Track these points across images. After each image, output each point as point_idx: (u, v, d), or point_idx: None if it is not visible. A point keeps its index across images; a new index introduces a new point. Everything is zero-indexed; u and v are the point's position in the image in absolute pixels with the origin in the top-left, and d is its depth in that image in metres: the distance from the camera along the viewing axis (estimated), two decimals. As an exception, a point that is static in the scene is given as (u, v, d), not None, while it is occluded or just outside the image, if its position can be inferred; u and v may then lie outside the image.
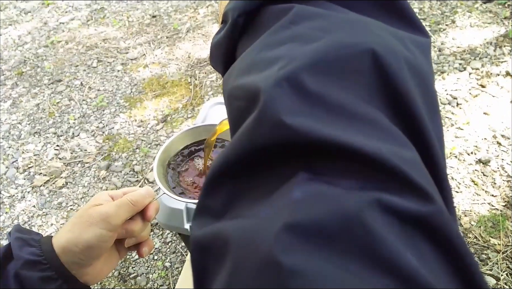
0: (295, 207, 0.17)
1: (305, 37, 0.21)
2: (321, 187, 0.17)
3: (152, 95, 1.90)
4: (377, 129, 0.18)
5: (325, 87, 0.19)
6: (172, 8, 2.47)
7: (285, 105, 0.19)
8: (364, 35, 0.21)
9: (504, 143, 1.46)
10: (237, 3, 0.25)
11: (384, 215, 0.16)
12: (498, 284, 1.11)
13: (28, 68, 2.17)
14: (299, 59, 0.20)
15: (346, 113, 0.19)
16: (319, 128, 0.18)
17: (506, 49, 1.84)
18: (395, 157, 0.17)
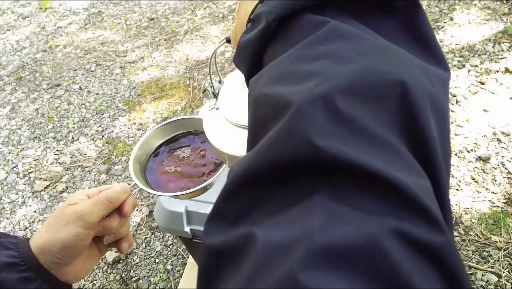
0: (319, 229, 0.17)
1: (340, 56, 0.22)
2: (344, 209, 0.18)
3: (151, 98, 1.90)
4: (398, 158, 0.19)
5: (355, 110, 0.20)
6: (169, 10, 2.47)
7: (317, 125, 0.19)
8: (396, 65, 0.21)
9: (504, 140, 1.45)
10: (273, 6, 0.25)
11: (403, 244, 0.16)
12: (500, 281, 1.11)
13: (26, 73, 2.17)
14: (335, 78, 0.20)
15: (371, 138, 0.19)
16: (347, 152, 0.18)
17: (505, 45, 1.84)
18: (415, 186, 0.18)
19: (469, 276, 1.14)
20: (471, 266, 1.15)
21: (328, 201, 0.18)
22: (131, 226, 1.42)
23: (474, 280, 1.12)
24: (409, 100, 0.20)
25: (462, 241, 1.21)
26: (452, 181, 1.36)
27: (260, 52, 0.28)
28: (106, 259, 1.34)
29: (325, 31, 0.23)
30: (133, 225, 1.42)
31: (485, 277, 1.12)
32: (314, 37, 0.23)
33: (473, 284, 1.12)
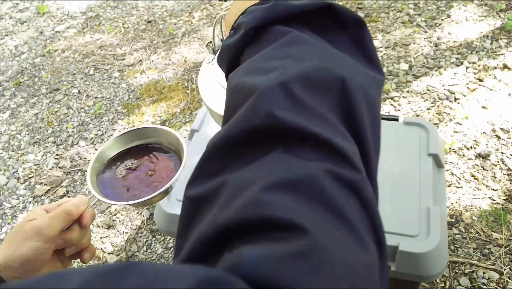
0: (274, 169, 0.25)
1: (297, 57, 0.29)
2: (291, 158, 0.25)
3: (149, 101, 1.90)
4: (334, 128, 0.27)
5: (306, 95, 0.27)
6: (167, 12, 2.48)
7: (276, 102, 0.26)
8: (340, 66, 0.29)
9: (503, 137, 1.45)
10: (251, 18, 0.32)
11: (332, 178, 0.24)
12: (501, 279, 1.11)
13: (25, 78, 2.17)
14: (292, 72, 0.28)
15: (316, 115, 0.27)
16: (298, 121, 0.25)
17: (503, 42, 1.84)
18: (342, 144, 0.26)
19: (471, 273, 1.14)
20: (472, 264, 1.15)
21: (281, 154, 0.25)
22: (132, 229, 1.42)
23: (476, 277, 1.12)
24: (347, 92, 0.28)
25: (463, 238, 1.21)
26: (452, 178, 1.36)
27: (238, 54, 0.34)
28: (107, 263, 1.34)
29: (289, 38, 0.30)
30: (134, 228, 1.42)
31: (487, 274, 1.12)
32: (280, 42, 0.30)
33: (474, 282, 1.12)
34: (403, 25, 2.02)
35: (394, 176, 0.82)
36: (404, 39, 1.94)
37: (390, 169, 0.84)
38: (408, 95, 1.67)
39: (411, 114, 1.59)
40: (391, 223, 0.75)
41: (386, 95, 1.68)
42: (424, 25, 2.00)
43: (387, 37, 1.97)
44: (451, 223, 1.24)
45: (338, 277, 0.20)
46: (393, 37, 1.96)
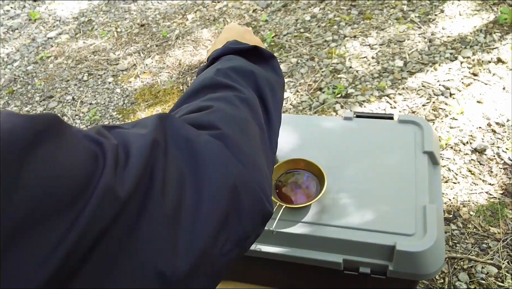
0: (211, 95, 0.44)
1: (231, 62, 0.49)
2: (220, 91, 0.44)
3: (145, 106, 1.89)
4: (243, 86, 0.45)
5: (232, 74, 0.45)
6: (160, 15, 2.47)
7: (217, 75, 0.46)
8: (253, 67, 0.48)
9: (498, 131, 1.45)
10: (213, 53, 0.52)
11: (237, 97, 0.43)
12: (500, 273, 1.11)
13: (18, 86, 2.16)
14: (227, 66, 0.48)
15: (236, 80, 0.45)
16: (225, 80, 0.45)
17: (496, 35, 1.84)
18: (243, 89, 0.44)
19: (469, 269, 1.14)
20: (470, 259, 1.15)
21: (214, 91, 0.43)
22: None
23: (474, 273, 1.12)
24: (257, 80, 0.46)
25: (461, 234, 1.21)
26: (449, 174, 1.36)
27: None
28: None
29: (229, 56, 0.50)
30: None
31: (485, 269, 1.12)
32: (226, 58, 0.50)
33: (473, 277, 1.11)
34: (397, 22, 2.02)
35: (390, 174, 0.82)
36: (398, 35, 1.94)
37: (386, 167, 0.83)
38: (404, 92, 1.67)
39: (406, 111, 1.59)
40: (387, 222, 0.75)
41: (382, 92, 1.68)
42: (418, 21, 2.00)
43: (381, 34, 1.97)
44: (449, 219, 1.24)
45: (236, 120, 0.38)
46: (387, 34, 1.96)
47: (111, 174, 0.24)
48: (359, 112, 0.96)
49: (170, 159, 0.29)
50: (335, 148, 0.88)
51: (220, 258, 0.30)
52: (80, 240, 0.21)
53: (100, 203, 0.22)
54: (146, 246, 0.25)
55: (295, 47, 1.99)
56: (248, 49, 0.51)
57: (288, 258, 0.77)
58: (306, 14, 2.19)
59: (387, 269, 0.73)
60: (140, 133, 0.29)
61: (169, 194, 0.27)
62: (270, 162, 0.41)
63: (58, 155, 0.22)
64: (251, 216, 0.34)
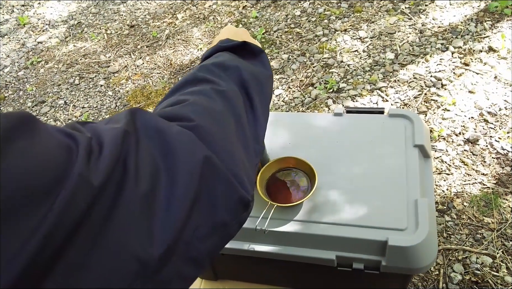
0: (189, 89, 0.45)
1: (218, 58, 0.50)
2: (198, 87, 0.45)
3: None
4: (222, 80, 0.46)
5: (216, 69, 0.47)
6: (149, 16, 2.45)
7: (200, 71, 0.47)
8: (238, 62, 0.49)
9: (491, 120, 1.45)
10: (207, 52, 0.54)
11: (213, 90, 0.44)
12: (494, 262, 1.11)
13: (10, 92, 2.15)
14: (212, 62, 0.49)
15: (218, 75, 0.46)
16: (205, 75, 0.46)
17: (487, 24, 1.84)
18: (221, 83, 0.45)
19: (464, 260, 1.14)
20: (465, 250, 1.15)
21: (192, 86, 0.44)
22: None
23: (469, 263, 1.13)
24: (242, 74, 0.47)
25: (455, 225, 1.21)
26: (442, 166, 1.36)
27: None
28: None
29: (219, 54, 0.51)
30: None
31: (480, 259, 1.13)
32: (216, 55, 0.51)
33: (468, 268, 1.12)
34: (387, 14, 2.02)
35: (381, 169, 0.82)
36: (389, 27, 1.94)
37: (377, 162, 0.83)
38: (395, 84, 1.67)
39: (399, 103, 1.59)
40: (379, 217, 0.75)
41: (374, 86, 1.67)
42: (408, 12, 1.99)
43: (372, 26, 1.96)
44: (442, 211, 1.25)
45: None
46: (378, 26, 1.96)
47: (84, 164, 0.25)
48: (349, 107, 0.96)
49: (142, 149, 0.30)
50: (326, 145, 0.88)
51: (196, 244, 0.32)
52: (55, 228, 0.22)
53: (74, 191, 0.23)
54: (122, 232, 0.26)
55: (286, 43, 1.99)
56: (237, 45, 0.52)
57: (282, 256, 0.77)
58: (296, 9, 2.18)
59: (380, 264, 0.73)
60: (112, 127, 0.30)
61: (142, 181, 0.28)
62: (250, 152, 0.42)
63: (32, 149, 0.23)
64: (225, 202, 0.35)
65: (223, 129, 0.39)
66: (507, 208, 1.22)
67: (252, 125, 0.44)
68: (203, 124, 0.37)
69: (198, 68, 0.47)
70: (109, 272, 0.26)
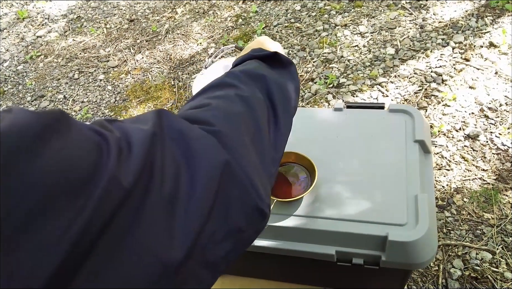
0: (216, 92, 0.46)
1: (247, 65, 0.52)
2: (226, 90, 0.46)
3: (136, 102, 1.88)
4: (249, 88, 0.46)
5: (244, 77, 0.47)
6: (149, 10, 2.44)
7: (231, 77, 0.48)
8: (265, 71, 0.50)
9: (491, 116, 1.45)
10: (238, 59, 0.56)
11: (236, 96, 0.44)
12: (494, 258, 1.11)
13: (9, 86, 2.14)
14: (241, 69, 0.50)
15: (246, 83, 0.46)
16: (235, 82, 0.46)
17: (488, 19, 1.83)
18: (247, 89, 0.46)
19: (464, 255, 1.14)
20: (465, 246, 1.16)
21: (221, 91, 0.46)
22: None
23: (469, 259, 1.13)
24: (268, 83, 0.48)
25: (455, 221, 1.21)
26: (442, 161, 1.36)
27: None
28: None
29: (249, 62, 0.53)
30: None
31: (479, 255, 1.13)
32: (246, 63, 0.53)
33: (467, 263, 1.12)
34: (388, 9, 2.01)
35: (381, 164, 0.82)
36: (389, 22, 1.93)
37: (377, 158, 0.83)
38: (396, 79, 1.66)
39: (399, 99, 1.59)
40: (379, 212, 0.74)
41: (374, 81, 1.67)
42: (408, 7, 1.98)
43: (372, 21, 1.95)
44: (442, 206, 1.25)
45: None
46: (378, 21, 1.95)
47: (115, 164, 0.26)
48: (349, 103, 0.96)
49: (167, 151, 0.31)
50: (326, 140, 0.88)
51: (212, 248, 0.32)
52: (87, 226, 0.23)
53: (105, 192, 0.24)
54: (148, 233, 0.27)
55: (286, 38, 1.98)
56: (268, 55, 0.54)
57: (281, 251, 0.77)
58: (296, 3, 2.17)
59: (380, 259, 0.73)
60: (140, 127, 0.31)
61: (166, 183, 0.29)
62: (267, 160, 0.42)
63: (65, 146, 0.24)
64: (242, 208, 0.35)
65: (242, 135, 0.39)
66: (507, 204, 1.22)
67: (272, 134, 0.45)
68: (223, 129, 0.37)
69: (227, 74, 0.48)
70: (134, 273, 0.26)
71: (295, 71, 0.55)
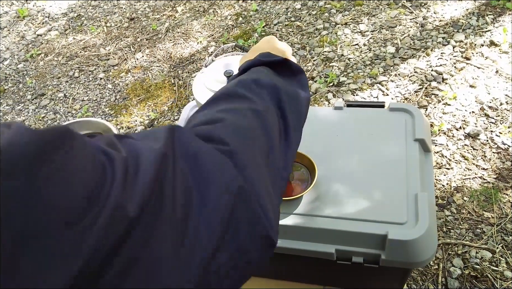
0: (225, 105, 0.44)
1: (256, 73, 0.50)
2: (237, 104, 0.45)
3: (136, 100, 1.88)
4: (261, 99, 0.45)
5: (255, 87, 0.46)
6: (149, 8, 2.44)
7: (241, 86, 0.47)
8: (275, 80, 0.48)
9: (492, 115, 1.45)
10: (245, 64, 0.54)
11: (250, 110, 0.42)
12: (494, 257, 1.11)
13: (10, 84, 2.14)
14: (251, 77, 0.48)
15: (257, 94, 0.45)
16: (244, 92, 0.45)
17: (489, 18, 1.82)
18: (260, 102, 0.44)
19: (463, 254, 1.14)
20: (465, 244, 1.16)
21: (232, 103, 0.44)
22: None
23: (469, 258, 1.13)
24: (279, 93, 0.46)
25: (455, 220, 1.21)
26: (442, 160, 1.36)
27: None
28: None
29: (257, 69, 0.51)
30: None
31: (479, 254, 1.13)
32: (255, 70, 0.51)
33: (467, 262, 1.12)
34: (388, 7, 2.00)
35: (381, 163, 0.82)
36: (389, 21, 1.92)
37: (377, 156, 0.83)
38: (396, 78, 1.66)
39: (399, 97, 1.59)
40: (379, 211, 0.74)
41: (374, 80, 1.67)
42: (409, 6, 1.98)
43: (373, 20, 1.95)
44: (442, 205, 1.25)
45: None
46: (379, 20, 1.94)
47: (120, 188, 0.24)
48: (349, 101, 0.96)
49: (177, 174, 0.29)
50: (326, 139, 0.88)
51: (221, 278, 0.31)
52: (92, 256, 0.22)
53: (109, 221, 0.23)
54: (156, 263, 0.25)
55: (286, 36, 1.98)
56: (277, 62, 0.52)
57: (281, 250, 0.77)
58: (297, 2, 2.17)
59: (379, 258, 0.73)
60: (150, 146, 0.29)
61: (177, 210, 0.27)
62: (278, 178, 0.40)
63: (65, 168, 0.22)
64: (253, 237, 0.34)
65: (256, 156, 0.38)
66: (507, 203, 1.22)
67: (283, 148, 0.43)
68: (238, 149, 0.36)
69: (237, 83, 0.46)
70: None
71: (306, 80, 0.53)
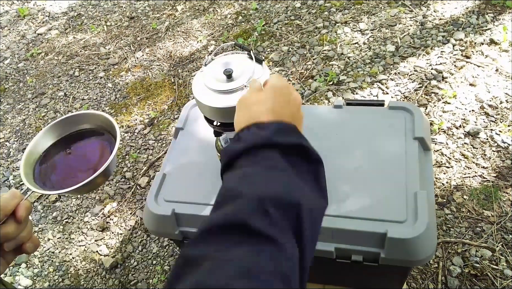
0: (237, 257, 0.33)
1: (274, 180, 0.40)
2: (252, 254, 0.33)
3: (136, 99, 1.88)
4: (283, 233, 0.36)
5: (273, 211, 0.37)
6: (149, 7, 2.44)
7: (251, 212, 0.36)
8: (299, 196, 0.39)
9: (491, 113, 1.45)
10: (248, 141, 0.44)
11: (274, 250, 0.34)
12: (494, 256, 1.12)
13: (10, 84, 2.14)
14: (267, 192, 0.39)
15: (277, 225, 0.36)
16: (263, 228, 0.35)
17: (489, 16, 1.82)
18: (284, 242, 0.35)
19: (463, 253, 1.14)
20: (464, 243, 1.16)
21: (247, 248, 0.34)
22: (126, 230, 1.42)
23: (468, 256, 1.13)
24: (300, 214, 0.38)
25: (455, 218, 1.21)
26: (442, 159, 1.36)
27: (234, 160, 0.44)
28: (103, 265, 1.34)
29: (271, 163, 0.42)
30: (128, 229, 1.42)
31: (479, 252, 1.13)
32: (266, 165, 0.42)
33: (467, 261, 1.12)
34: (388, 6, 2.00)
35: (381, 162, 0.82)
36: (389, 19, 1.92)
37: (376, 155, 0.83)
38: (396, 77, 1.66)
39: (399, 96, 1.59)
40: (378, 209, 0.75)
41: (374, 78, 1.67)
42: (409, 4, 1.98)
43: (373, 18, 1.95)
44: (442, 204, 1.25)
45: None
46: (379, 18, 1.94)
47: None
48: (349, 100, 0.96)
49: None
50: (326, 137, 0.88)
51: None
52: None
53: None
54: None
55: (286, 35, 1.98)
56: (295, 145, 0.43)
57: (281, 248, 0.77)
58: (296, 0, 2.17)
59: (379, 256, 0.73)
60: None
61: None
62: None
63: None
64: None
65: None
66: (507, 201, 1.22)
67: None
68: None
69: (249, 203, 0.37)
70: None
71: (323, 173, 0.45)
